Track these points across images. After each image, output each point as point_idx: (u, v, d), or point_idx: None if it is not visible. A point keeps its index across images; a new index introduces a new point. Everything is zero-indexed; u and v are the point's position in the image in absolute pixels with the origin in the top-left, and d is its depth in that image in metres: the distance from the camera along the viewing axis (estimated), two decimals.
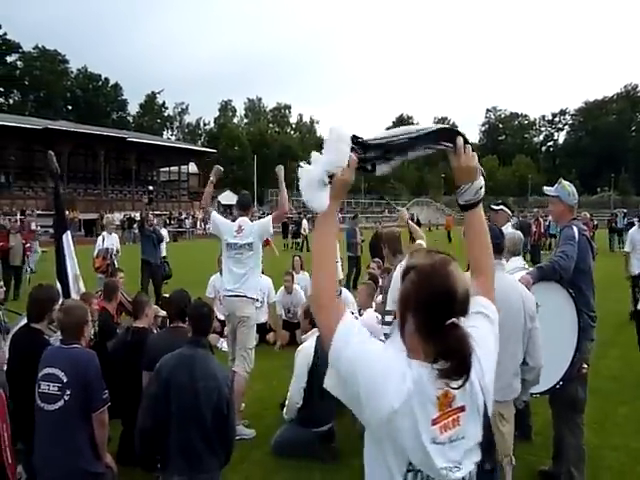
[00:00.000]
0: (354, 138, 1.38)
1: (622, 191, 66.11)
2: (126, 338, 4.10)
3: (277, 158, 65.95)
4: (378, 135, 1.45)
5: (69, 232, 5.63)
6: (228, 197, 53.61)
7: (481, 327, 1.41)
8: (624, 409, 5.11)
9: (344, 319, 1.33)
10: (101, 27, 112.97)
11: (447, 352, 1.22)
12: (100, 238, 9.57)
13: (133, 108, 79.70)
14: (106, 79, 74.64)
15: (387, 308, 3.54)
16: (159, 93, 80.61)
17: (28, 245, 12.10)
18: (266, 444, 4.24)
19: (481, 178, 1.55)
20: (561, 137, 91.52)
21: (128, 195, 42.43)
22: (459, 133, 1.51)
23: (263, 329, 7.38)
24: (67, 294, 5.37)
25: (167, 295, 4.90)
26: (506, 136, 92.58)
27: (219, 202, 51.67)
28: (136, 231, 19.64)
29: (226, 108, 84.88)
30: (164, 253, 9.74)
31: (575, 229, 3.55)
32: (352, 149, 1.37)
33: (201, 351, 3.20)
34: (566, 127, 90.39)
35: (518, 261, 4.04)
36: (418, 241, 4.43)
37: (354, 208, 57.95)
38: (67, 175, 38.97)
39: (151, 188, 35.85)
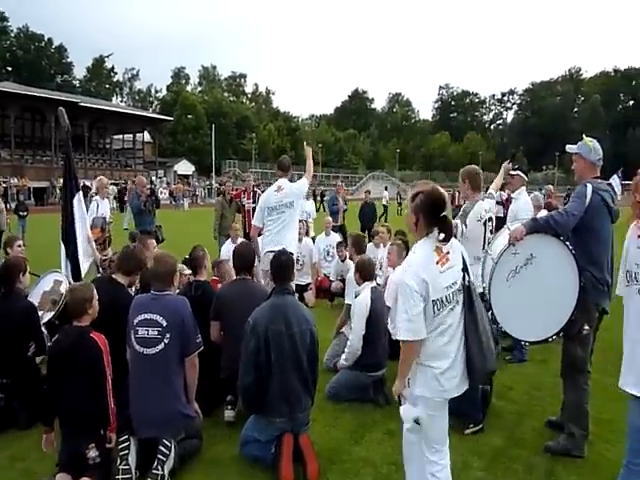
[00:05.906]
0: None
1: (566, 169, 69.31)
2: (190, 292, 4.24)
3: (234, 128, 64.93)
4: None
5: (80, 194, 5.56)
6: (184, 166, 52.45)
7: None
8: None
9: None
10: None
11: (444, 228, 2.45)
12: (94, 204, 7.99)
13: (79, 72, 75.84)
14: (49, 40, 70.31)
15: None
16: (108, 57, 77.09)
17: None
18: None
19: None
20: (509, 116, 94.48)
21: (80, 163, 40.45)
22: None
23: (304, 290, 7.84)
24: (75, 257, 5.37)
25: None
26: (458, 113, 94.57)
27: (175, 172, 50.46)
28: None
29: (179, 75, 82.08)
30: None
31: (589, 187, 3.38)
32: None
33: (289, 298, 3.42)
34: (514, 106, 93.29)
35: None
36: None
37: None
38: (14, 140, 37.15)
39: None
